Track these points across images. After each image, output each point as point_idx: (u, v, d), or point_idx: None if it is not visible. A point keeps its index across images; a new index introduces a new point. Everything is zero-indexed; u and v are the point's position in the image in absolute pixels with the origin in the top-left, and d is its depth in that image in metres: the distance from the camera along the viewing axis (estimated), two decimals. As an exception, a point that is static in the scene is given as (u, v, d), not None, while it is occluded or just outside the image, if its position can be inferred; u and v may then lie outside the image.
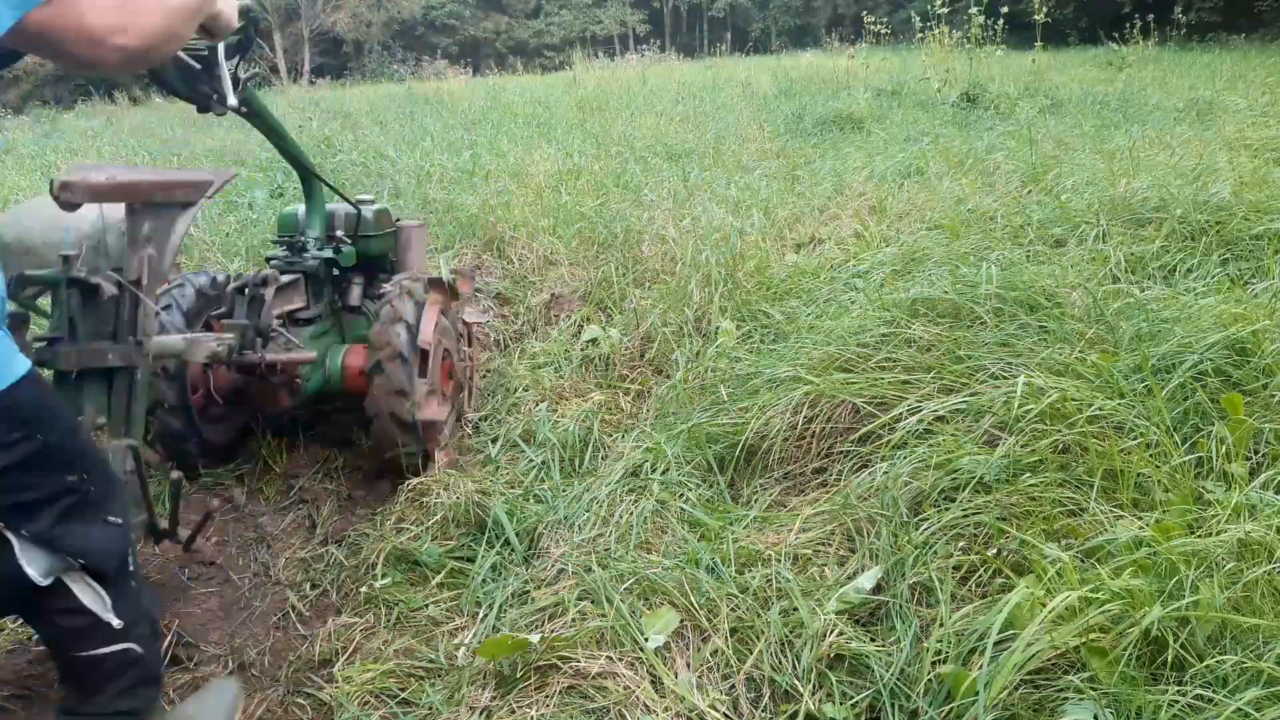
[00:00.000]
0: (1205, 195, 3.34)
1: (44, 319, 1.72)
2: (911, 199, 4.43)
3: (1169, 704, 1.20)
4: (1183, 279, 2.73)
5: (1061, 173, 4.38)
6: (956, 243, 3.23)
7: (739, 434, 2.18)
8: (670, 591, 1.65)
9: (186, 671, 1.78)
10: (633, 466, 2.20)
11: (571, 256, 4.13)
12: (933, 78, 9.17)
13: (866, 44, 14.94)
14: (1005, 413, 1.85)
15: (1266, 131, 5.37)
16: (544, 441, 2.49)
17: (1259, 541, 1.40)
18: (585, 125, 7.96)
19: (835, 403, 2.13)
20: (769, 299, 3.10)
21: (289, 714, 1.68)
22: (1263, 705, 1.16)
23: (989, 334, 2.27)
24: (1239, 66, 10.66)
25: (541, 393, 2.86)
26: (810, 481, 2.08)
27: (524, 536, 2.05)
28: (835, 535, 1.80)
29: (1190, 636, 1.29)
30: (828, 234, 4.05)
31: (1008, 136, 6.25)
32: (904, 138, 6.82)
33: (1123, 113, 7.26)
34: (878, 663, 1.43)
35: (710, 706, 1.42)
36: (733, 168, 5.87)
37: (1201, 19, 17.31)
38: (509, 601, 1.82)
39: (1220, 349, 1.99)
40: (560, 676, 1.50)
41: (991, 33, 10.58)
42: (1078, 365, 2.01)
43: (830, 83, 10.77)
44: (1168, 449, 1.70)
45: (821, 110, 8.30)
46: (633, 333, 3.16)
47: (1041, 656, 1.28)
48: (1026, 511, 1.63)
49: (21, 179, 6.36)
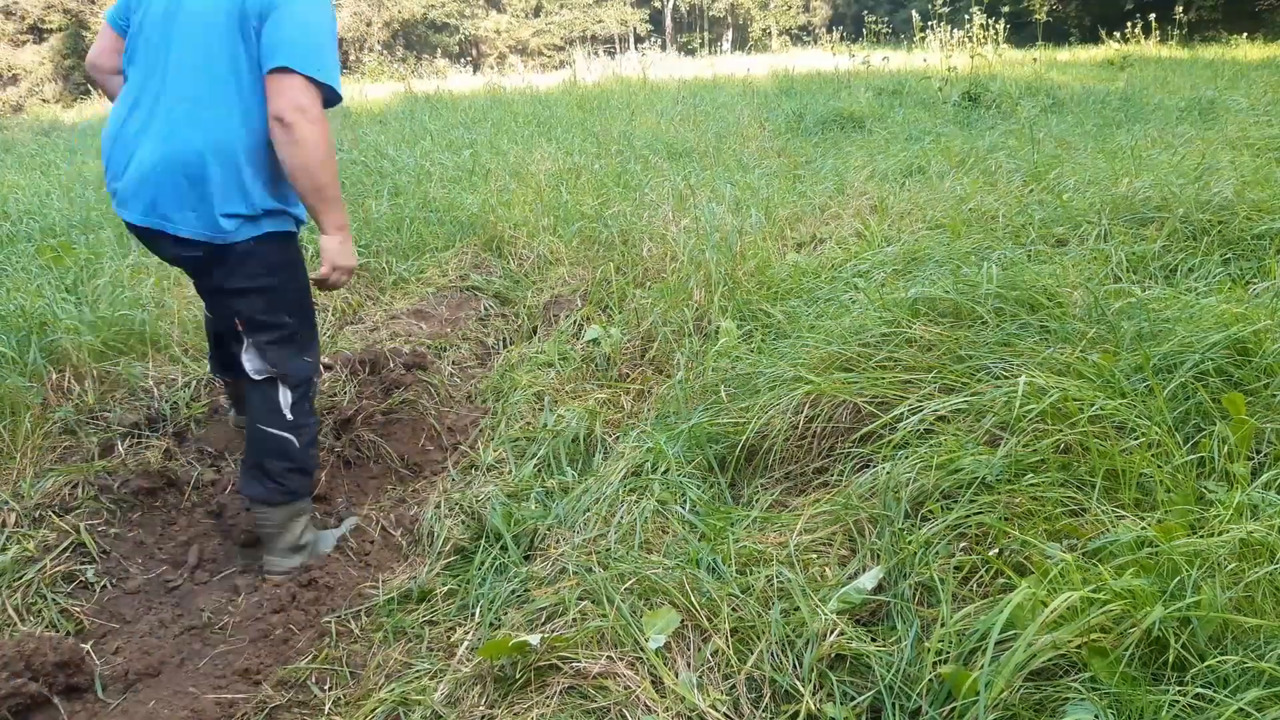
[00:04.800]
0: (1207, 195, 3.34)
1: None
2: (913, 198, 4.43)
3: (1170, 704, 1.20)
4: (1184, 279, 2.73)
5: (1063, 172, 4.37)
6: (958, 242, 3.23)
7: (740, 434, 2.18)
8: (671, 591, 1.65)
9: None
10: (634, 466, 2.20)
11: (571, 256, 4.12)
12: (934, 77, 9.17)
13: (867, 43, 14.93)
14: (1006, 412, 1.84)
15: (1269, 130, 5.36)
16: (544, 441, 2.49)
17: (1260, 541, 1.40)
18: (585, 124, 7.96)
19: (836, 402, 2.13)
20: (770, 298, 3.10)
21: (290, 714, 1.68)
22: (1264, 705, 1.16)
23: (990, 334, 2.27)
24: (1240, 66, 10.65)
25: (542, 392, 2.86)
26: (811, 481, 2.08)
27: (524, 537, 2.05)
28: (836, 535, 1.79)
29: (1192, 637, 1.29)
30: (829, 233, 4.05)
31: (1009, 135, 6.25)
32: (905, 137, 6.81)
33: (1124, 112, 7.26)
34: (879, 663, 1.43)
35: (711, 707, 1.42)
36: (733, 167, 5.87)
37: (1202, 17, 17.30)
38: (509, 601, 1.82)
39: (1222, 349, 1.99)
40: (560, 677, 1.50)
41: (993, 32, 10.57)
42: (1079, 365, 2.00)
43: (831, 82, 10.76)
44: (1169, 449, 1.70)
45: (822, 109, 8.29)
46: (633, 332, 3.16)
47: (1042, 657, 1.28)
48: (1028, 511, 1.63)
49: (21, 178, 6.36)
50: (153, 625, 1.94)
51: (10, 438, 2.41)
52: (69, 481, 2.27)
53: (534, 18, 43.30)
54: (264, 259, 1.94)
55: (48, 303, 3.05)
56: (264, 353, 1.98)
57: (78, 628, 1.92)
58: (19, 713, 1.64)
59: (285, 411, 2.01)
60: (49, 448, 2.46)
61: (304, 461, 2.07)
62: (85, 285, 3.34)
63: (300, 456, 2.05)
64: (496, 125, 8.14)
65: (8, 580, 1.95)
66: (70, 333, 2.85)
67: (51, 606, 1.94)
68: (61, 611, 1.94)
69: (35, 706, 1.66)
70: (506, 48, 39.76)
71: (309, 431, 2.07)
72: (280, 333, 1.99)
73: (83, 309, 3.04)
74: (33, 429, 2.46)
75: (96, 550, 2.11)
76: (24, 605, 1.92)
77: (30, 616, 1.91)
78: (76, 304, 3.11)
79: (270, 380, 2.00)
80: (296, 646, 1.87)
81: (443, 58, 25.52)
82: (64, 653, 1.71)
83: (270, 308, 1.97)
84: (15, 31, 32.14)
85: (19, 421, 2.44)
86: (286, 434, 2.02)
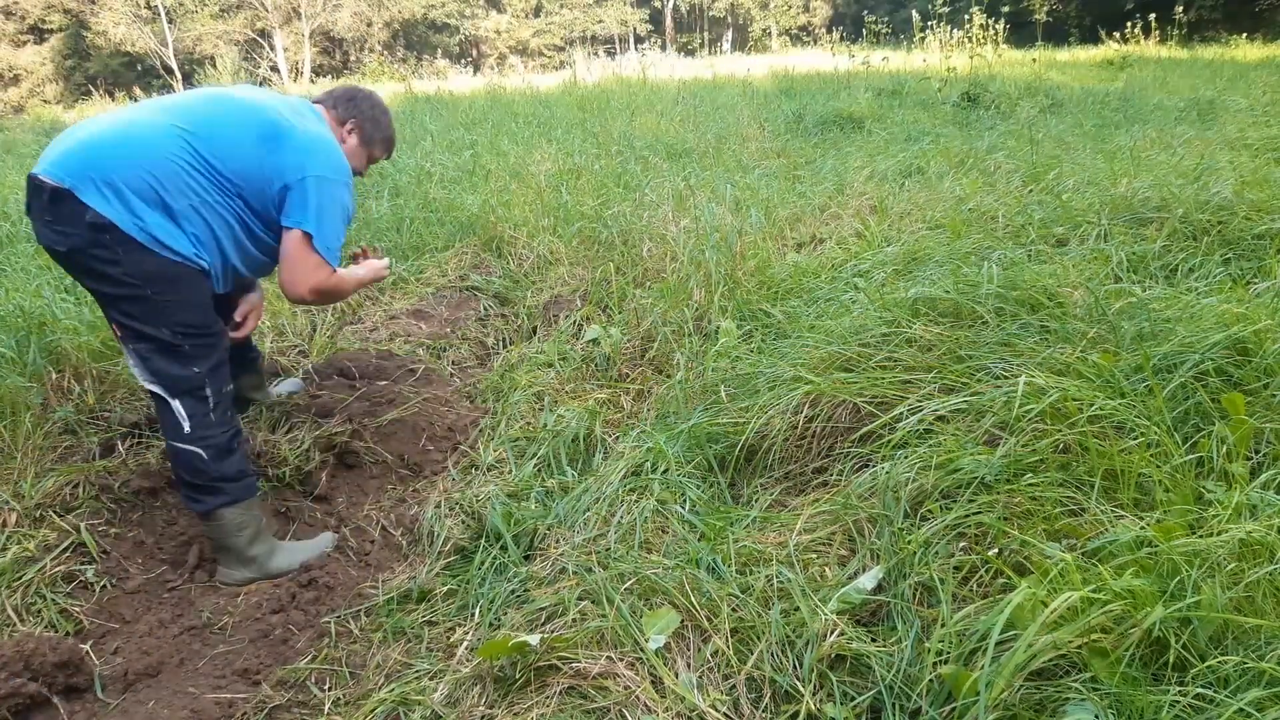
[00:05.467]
0: (1207, 195, 3.34)
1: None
2: (913, 198, 4.43)
3: (1170, 704, 1.20)
4: (1184, 279, 2.73)
5: (1063, 172, 4.37)
6: (958, 242, 3.23)
7: (739, 434, 2.18)
8: (671, 591, 1.65)
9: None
10: (634, 466, 2.20)
11: (571, 256, 4.12)
12: (933, 77, 9.16)
13: (867, 43, 14.92)
14: (1006, 412, 1.84)
15: (1268, 131, 5.36)
16: (544, 441, 2.49)
17: (1260, 541, 1.40)
18: (585, 124, 7.96)
19: (836, 402, 2.13)
20: (770, 298, 3.10)
21: (290, 714, 1.68)
22: (1264, 705, 1.16)
23: (990, 334, 2.27)
24: (1239, 66, 10.64)
25: (542, 392, 2.86)
26: (811, 481, 2.08)
27: (524, 537, 2.05)
28: (836, 535, 1.79)
29: (1192, 637, 1.29)
30: (828, 233, 4.05)
31: (1009, 136, 6.25)
32: (905, 137, 6.81)
33: (1124, 112, 7.26)
34: (879, 663, 1.43)
35: (711, 707, 1.42)
36: (733, 167, 5.86)
37: (1202, 17, 17.30)
38: (509, 601, 1.82)
39: (1221, 349, 1.99)
40: (560, 677, 1.50)
41: (992, 32, 10.57)
42: (1079, 365, 2.00)
43: (831, 82, 10.76)
44: (1169, 449, 1.70)
45: (822, 110, 8.29)
46: (633, 332, 3.16)
47: (1043, 657, 1.28)
48: (1028, 511, 1.63)
49: (21, 178, 6.36)
50: (152, 625, 1.94)
51: (10, 438, 2.41)
52: (69, 481, 2.27)
53: (534, 18, 43.29)
54: (155, 274, 1.93)
55: (47, 303, 3.05)
56: (145, 360, 1.96)
57: (77, 628, 1.92)
58: (19, 713, 1.64)
59: (184, 423, 1.98)
60: (49, 448, 2.46)
61: (220, 471, 2.02)
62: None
63: (213, 468, 2.01)
64: (497, 126, 8.14)
65: (8, 580, 1.95)
66: (70, 333, 2.85)
67: (51, 606, 1.94)
68: (61, 611, 1.94)
69: (35, 706, 1.66)
70: (507, 48, 39.76)
71: (216, 440, 2.02)
72: (163, 343, 1.96)
73: (82, 309, 3.04)
74: (33, 429, 2.45)
75: (96, 550, 2.10)
76: (24, 605, 1.92)
77: (30, 616, 1.91)
78: (76, 304, 3.11)
79: (160, 393, 1.98)
80: (296, 646, 1.87)
81: (443, 58, 25.52)
82: (64, 653, 1.71)
83: (150, 319, 1.94)
84: (16, 32, 32.14)
85: (19, 421, 2.44)
86: (190, 448, 1.99)
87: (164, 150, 1.91)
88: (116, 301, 1.92)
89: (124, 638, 1.90)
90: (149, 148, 1.90)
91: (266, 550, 2.12)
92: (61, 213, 1.85)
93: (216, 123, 2.00)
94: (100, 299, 1.97)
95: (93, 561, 2.09)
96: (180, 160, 1.92)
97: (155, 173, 1.89)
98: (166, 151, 1.91)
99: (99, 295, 1.95)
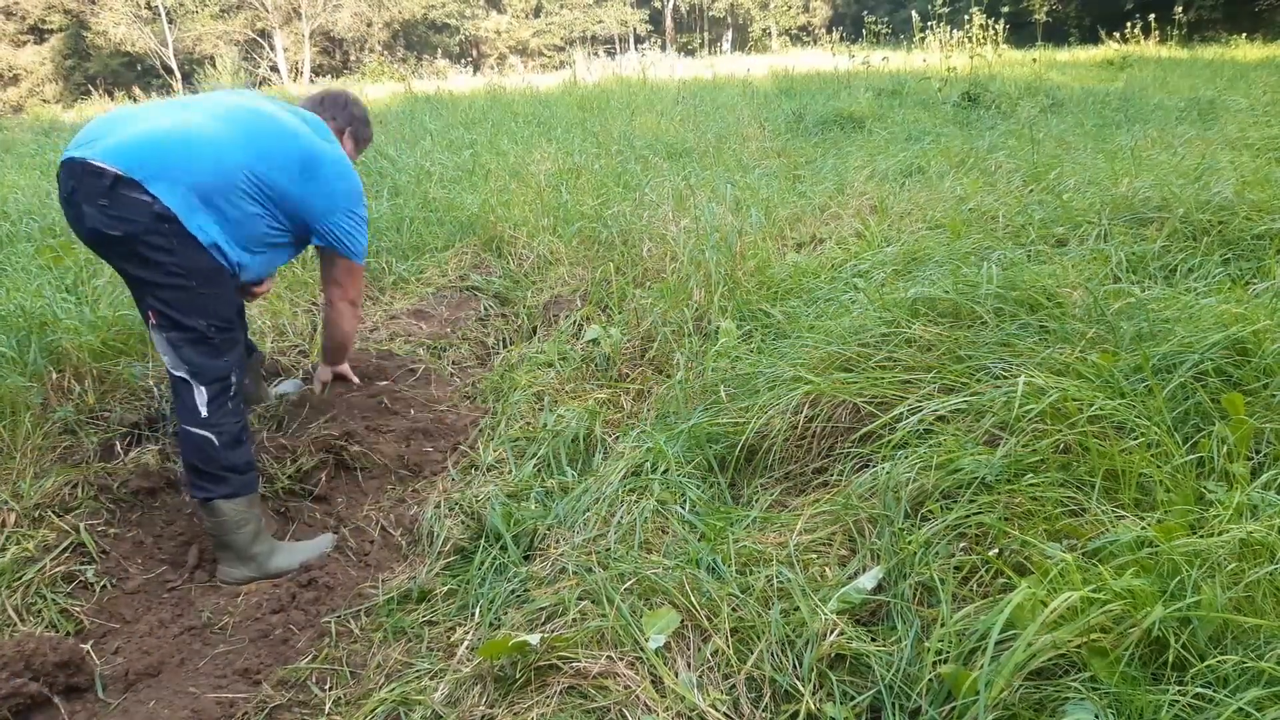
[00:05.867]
0: (1207, 195, 3.34)
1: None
2: (913, 198, 4.43)
3: (1170, 704, 1.20)
4: (1184, 279, 2.73)
5: (1063, 172, 4.37)
6: (958, 242, 3.23)
7: (739, 434, 2.18)
8: (671, 591, 1.65)
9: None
10: (633, 466, 2.20)
11: (571, 256, 4.12)
12: (933, 77, 9.17)
13: (867, 43, 14.93)
14: (1006, 413, 1.84)
15: (1268, 131, 5.36)
16: (544, 441, 2.49)
17: (1260, 541, 1.40)
18: (585, 124, 7.96)
19: (836, 402, 2.13)
20: (769, 298, 3.10)
21: (290, 714, 1.68)
22: (1264, 705, 1.16)
23: (990, 334, 2.27)
24: (1240, 66, 10.64)
25: (542, 392, 2.86)
26: (811, 481, 2.08)
27: (524, 537, 2.05)
28: (836, 535, 1.79)
29: (1192, 637, 1.29)
30: (828, 233, 4.05)
31: (1009, 136, 6.25)
32: (905, 137, 6.81)
33: (1124, 112, 7.26)
34: (879, 663, 1.43)
35: (711, 706, 1.42)
36: (733, 167, 5.86)
37: (1202, 17, 17.31)
38: (509, 601, 1.82)
39: (1221, 349, 1.99)
40: (560, 677, 1.50)
41: (992, 32, 10.58)
42: (1079, 365, 2.00)
43: (831, 82, 10.76)
44: (1169, 449, 1.70)
45: (822, 109, 8.29)
46: (633, 332, 3.16)
47: (1042, 657, 1.28)
48: (1028, 511, 1.63)
49: (21, 178, 6.36)
50: (152, 625, 1.94)
51: (10, 438, 2.41)
52: (69, 481, 2.27)
53: (534, 18, 43.29)
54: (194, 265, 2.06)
55: (48, 303, 3.05)
56: (176, 348, 2.05)
57: (78, 628, 1.92)
58: (19, 713, 1.64)
59: (201, 408, 2.05)
60: (49, 448, 2.46)
61: (229, 460, 2.08)
62: (85, 285, 3.34)
63: (220, 459, 2.06)
64: (496, 125, 8.14)
65: (8, 580, 1.95)
66: (70, 333, 2.85)
67: (51, 606, 1.94)
68: (61, 611, 1.94)
69: (35, 706, 1.66)
70: (507, 48, 39.76)
71: (229, 429, 2.09)
72: (197, 333, 2.07)
73: (83, 309, 3.04)
74: (33, 429, 2.46)
75: (96, 550, 2.11)
76: (24, 605, 1.92)
77: (30, 616, 1.91)
78: (76, 304, 3.11)
79: (185, 377, 2.06)
80: (296, 646, 1.87)
81: (443, 58, 25.51)
82: (64, 653, 1.71)
83: (189, 309, 2.06)
84: (16, 32, 32.14)
85: (19, 421, 2.44)
86: (204, 433, 2.06)
87: (226, 163, 2.06)
88: (158, 289, 2.00)
89: (124, 638, 1.90)
90: (214, 159, 2.04)
91: (267, 550, 2.13)
92: (123, 199, 1.93)
93: (272, 150, 2.15)
94: (140, 285, 2.04)
95: (92, 561, 2.09)
96: (238, 176, 2.07)
97: (217, 182, 2.03)
98: (228, 164, 2.06)
99: (140, 281, 2.03)
